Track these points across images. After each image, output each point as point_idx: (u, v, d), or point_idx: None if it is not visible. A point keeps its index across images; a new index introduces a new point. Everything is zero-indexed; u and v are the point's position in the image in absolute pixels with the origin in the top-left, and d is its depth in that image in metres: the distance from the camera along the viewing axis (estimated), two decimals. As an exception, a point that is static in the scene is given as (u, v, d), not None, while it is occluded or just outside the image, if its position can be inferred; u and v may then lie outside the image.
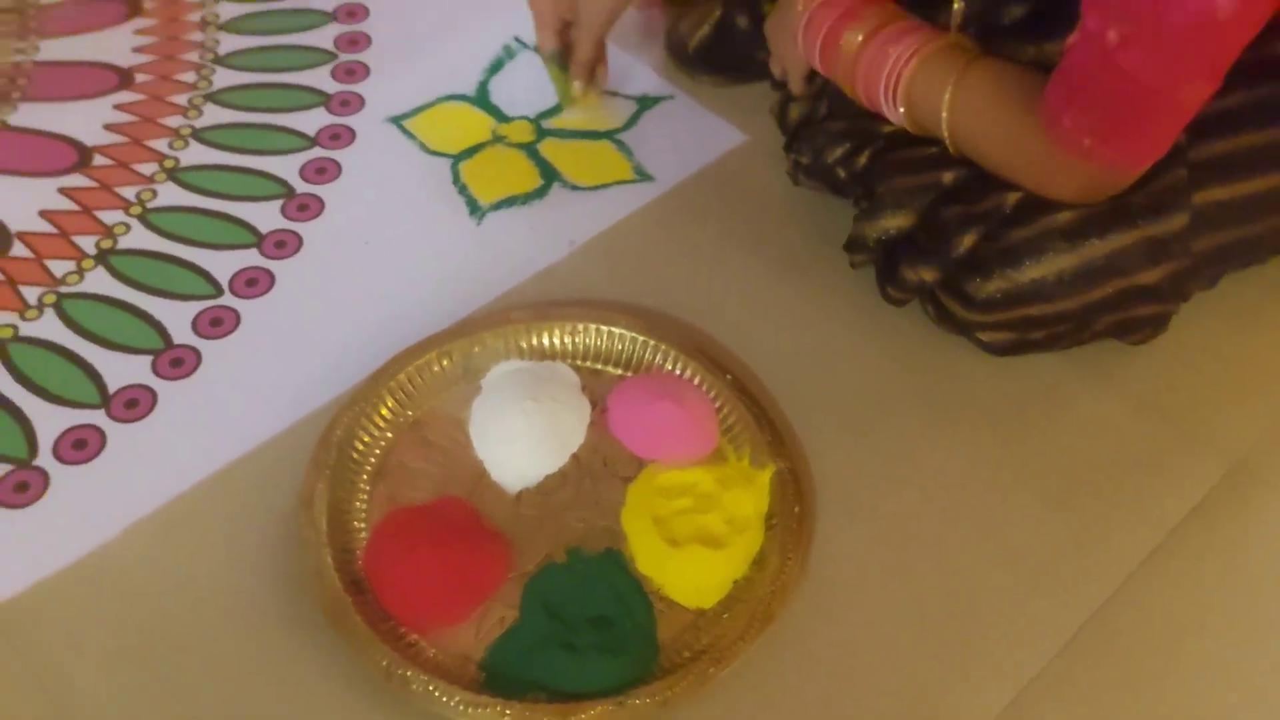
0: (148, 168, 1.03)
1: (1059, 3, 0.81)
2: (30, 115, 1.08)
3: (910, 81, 0.86)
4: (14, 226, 0.99)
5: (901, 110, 0.88)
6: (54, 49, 1.14)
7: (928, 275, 0.87)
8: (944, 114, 0.85)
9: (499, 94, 1.09)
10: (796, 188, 1.00)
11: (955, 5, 0.91)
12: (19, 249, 0.97)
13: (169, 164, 1.03)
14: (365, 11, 1.18)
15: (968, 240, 0.85)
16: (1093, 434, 0.87)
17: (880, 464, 0.85)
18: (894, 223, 0.89)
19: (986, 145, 0.85)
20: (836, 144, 0.94)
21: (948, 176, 0.88)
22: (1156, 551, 0.80)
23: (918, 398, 0.89)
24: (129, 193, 1.01)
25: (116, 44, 1.14)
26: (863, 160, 0.93)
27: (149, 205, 1.00)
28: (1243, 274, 0.92)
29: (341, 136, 1.06)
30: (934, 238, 0.87)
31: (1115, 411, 0.88)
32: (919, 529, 0.82)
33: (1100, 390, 0.89)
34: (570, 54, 1.01)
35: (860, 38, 0.89)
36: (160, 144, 1.05)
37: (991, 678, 0.75)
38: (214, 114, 1.08)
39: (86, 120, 1.07)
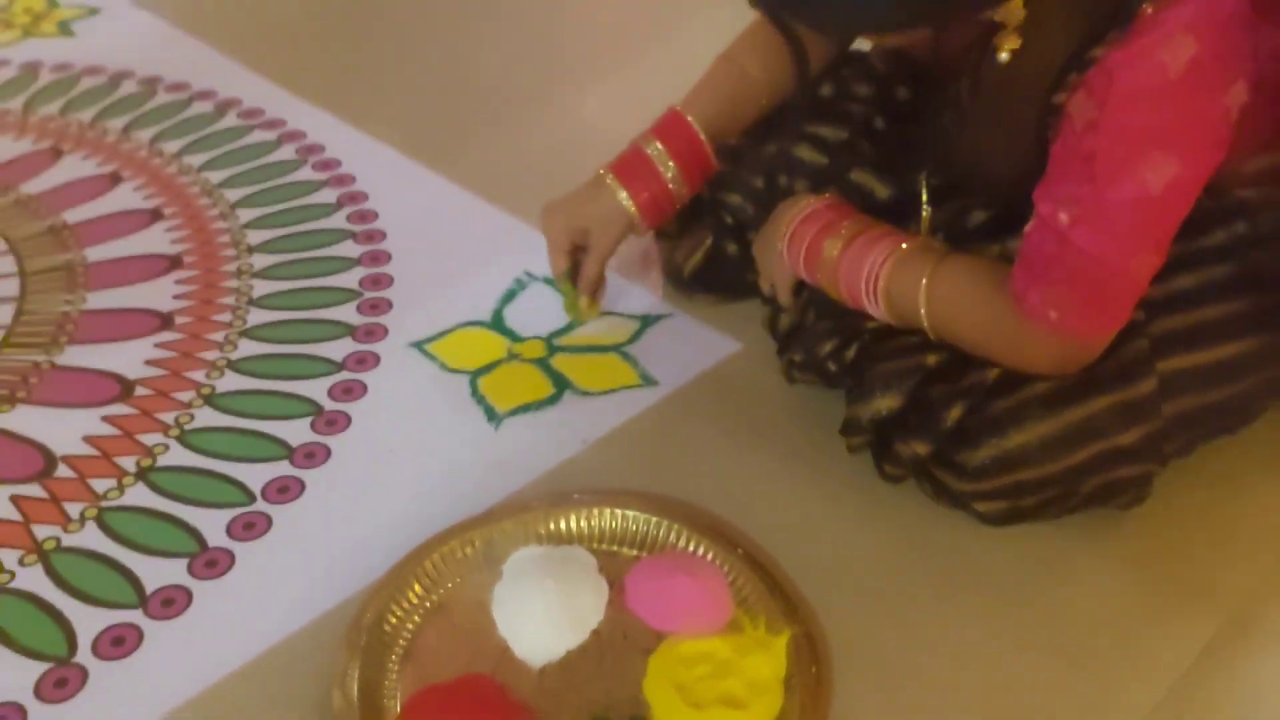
0: (185, 395, 1.11)
1: (1018, 209, 0.90)
2: (76, 356, 1.16)
3: (889, 278, 0.95)
4: (59, 451, 1.05)
5: (882, 305, 0.96)
6: (100, 299, 1.24)
7: (920, 449, 0.93)
8: (922, 302, 0.93)
9: (513, 319, 1.18)
10: (791, 386, 1.08)
11: (924, 213, 1.02)
12: (63, 470, 1.03)
13: (205, 391, 1.11)
14: (388, 257, 1.29)
15: (954, 413, 0.91)
16: (1093, 594, 0.90)
17: (892, 628, 0.88)
18: (885, 404, 0.95)
19: (963, 328, 0.93)
20: (826, 340, 1.02)
21: (931, 359, 0.95)
22: (1164, 701, 0.83)
23: (923, 568, 0.93)
24: (168, 417, 1.08)
25: (158, 293, 1.24)
26: (851, 353, 1.01)
27: (186, 427, 1.07)
28: (1218, 446, 0.98)
29: (366, 361, 1.14)
30: (923, 415, 0.93)
31: (1112, 573, 0.92)
32: (934, 689, 0.84)
33: (1095, 553, 0.93)
34: (577, 274, 1.11)
35: (840, 245, 0.98)
36: (198, 374, 1.13)
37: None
38: (248, 347, 1.16)
39: (129, 358, 1.15)
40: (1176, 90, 0.79)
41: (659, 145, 1.09)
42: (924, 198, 1.02)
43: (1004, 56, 0.86)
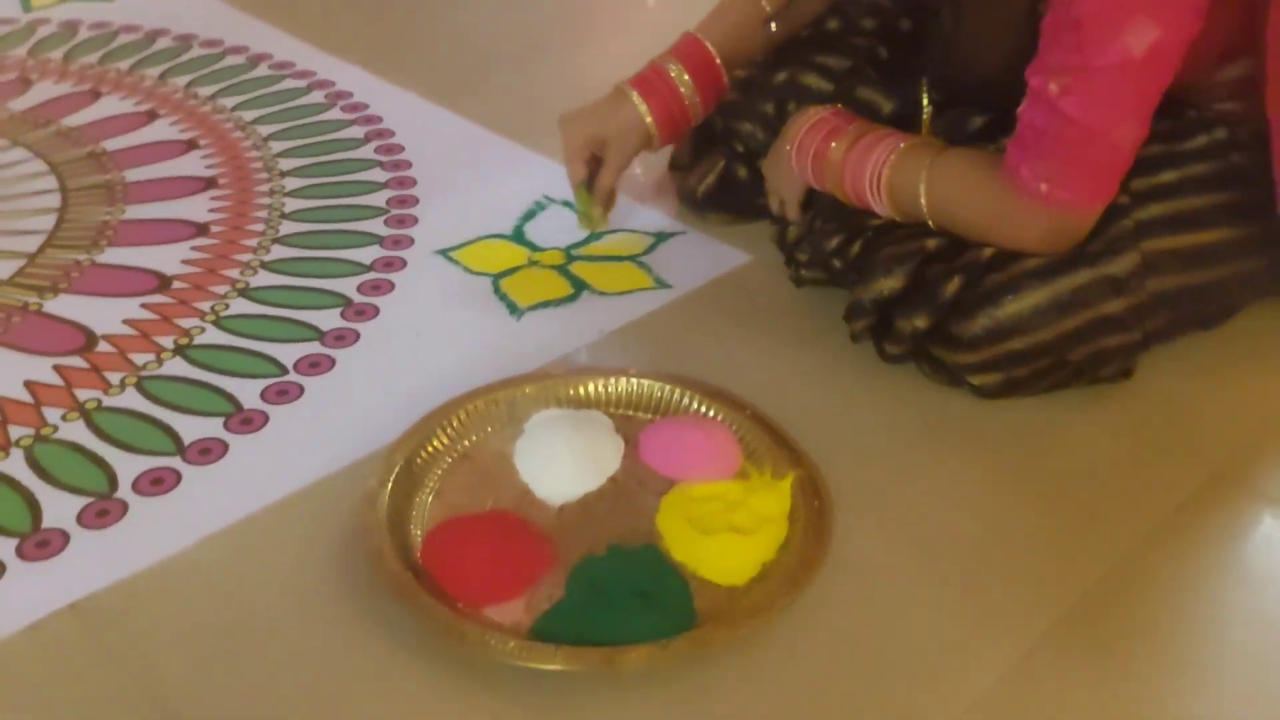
0: (221, 288, 1.16)
1: (1014, 108, 0.96)
2: (116, 256, 1.22)
3: (892, 171, 1.01)
4: (100, 331, 1.10)
5: (885, 198, 1.02)
6: (138, 212, 1.30)
7: (920, 323, 0.98)
8: (922, 190, 0.99)
9: (533, 234, 1.24)
10: (798, 289, 1.13)
11: (925, 114, 1.08)
12: (104, 346, 1.08)
13: (240, 285, 1.17)
14: (413, 181, 1.35)
15: (952, 286, 0.97)
16: (1082, 453, 0.96)
17: (890, 477, 0.93)
18: (887, 284, 1.00)
19: (959, 210, 0.99)
20: (832, 237, 1.08)
21: (930, 243, 1.00)
22: (1150, 536, 0.88)
23: (920, 433, 0.98)
24: (204, 305, 1.14)
25: (195, 207, 1.30)
26: (855, 249, 1.06)
27: (222, 314, 1.12)
28: (1199, 339, 1.04)
29: (393, 264, 1.20)
30: (922, 293, 0.99)
31: (1100, 436, 0.97)
32: (928, 523, 0.89)
33: (1085, 421, 0.98)
34: (592, 184, 1.17)
35: (845, 146, 1.05)
36: (233, 272, 1.19)
37: (999, 637, 0.81)
38: (280, 251, 1.22)
39: (167, 258, 1.21)
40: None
41: (676, 64, 1.16)
42: (924, 100, 1.09)
43: (996, -62, 0.93)
